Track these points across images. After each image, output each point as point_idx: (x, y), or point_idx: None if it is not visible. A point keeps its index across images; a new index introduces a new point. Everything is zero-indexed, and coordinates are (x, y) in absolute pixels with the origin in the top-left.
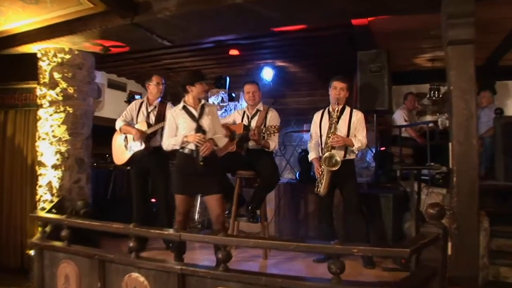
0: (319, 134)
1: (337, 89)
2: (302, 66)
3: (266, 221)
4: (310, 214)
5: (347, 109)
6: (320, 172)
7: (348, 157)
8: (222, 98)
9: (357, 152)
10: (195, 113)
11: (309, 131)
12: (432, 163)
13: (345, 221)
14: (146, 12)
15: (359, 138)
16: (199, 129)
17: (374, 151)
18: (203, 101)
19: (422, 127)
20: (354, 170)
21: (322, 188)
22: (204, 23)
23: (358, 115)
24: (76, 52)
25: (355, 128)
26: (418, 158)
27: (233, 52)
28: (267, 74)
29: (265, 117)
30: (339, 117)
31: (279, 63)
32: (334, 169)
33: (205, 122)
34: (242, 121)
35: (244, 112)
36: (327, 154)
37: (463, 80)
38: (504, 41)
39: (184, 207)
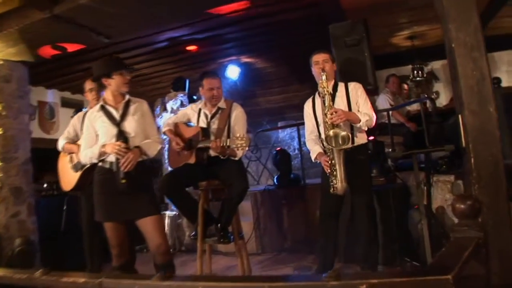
0: (316, 126)
1: (319, 63)
2: (270, 60)
3: (241, 239)
4: (296, 223)
5: (341, 84)
6: (329, 165)
7: (358, 141)
8: (182, 101)
9: (365, 129)
10: (116, 114)
11: (284, 127)
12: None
13: (351, 221)
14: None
15: (365, 112)
16: (121, 134)
17: None
18: (127, 97)
19: (409, 111)
20: (368, 159)
21: (339, 182)
22: (133, 7)
23: (356, 86)
24: (1, 62)
25: (356, 102)
26: (410, 146)
27: (191, 47)
28: (233, 72)
29: (229, 117)
30: (333, 95)
31: (245, 59)
32: (346, 147)
33: (129, 124)
34: (198, 122)
35: (201, 110)
36: (330, 132)
37: (468, 33)
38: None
39: (116, 239)
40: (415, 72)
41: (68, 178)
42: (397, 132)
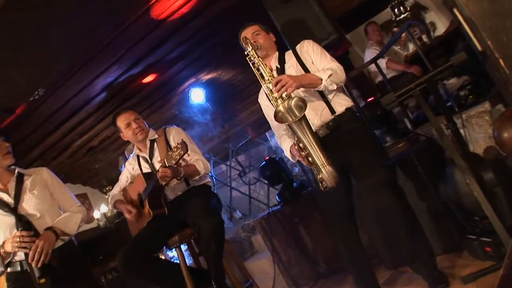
0: None
1: (248, 36)
2: (233, 66)
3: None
4: (320, 239)
5: (288, 53)
6: (304, 155)
7: (339, 107)
8: None
9: (335, 87)
10: (8, 198)
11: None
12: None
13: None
14: None
15: (327, 67)
16: (21, 221)
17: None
18: (17, 171)
19: (407, 55)
20: (365, 125)
21: (325, 172)
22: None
23: (304, 44)
24: None
25: (311, 61)
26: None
27: (148, 79)
28: (197, 96)
29: (167, 144)
30: (282, 69)
31: (206, 76)
32: (305, 112)
33: (29, 204)
34: (141, 169)
35: (138, 157)
36: (280, 107)
37: None
38: None
39: None
40: (396, 10)
41: None
42: (400, 83)
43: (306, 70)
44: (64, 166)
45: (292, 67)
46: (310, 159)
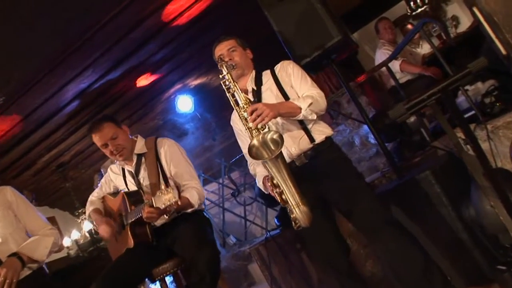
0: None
1: (223, 56)
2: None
3: None
4: (323, 268)
5: (266, 73)
6: (274, 189)
7: (318, 136)
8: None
9: (315, 117)
10: None
11: None
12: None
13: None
14: None
15: (307, 94)
16: None
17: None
18: None
19: (424, 56)
20: (344, 156)
21: (294, 209)
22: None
23: (283, 65)
24: None
25: (290, 85)
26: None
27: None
28: (185, 104)
29: (157, 160)
30: (258, 92)
31: (194, 82)
32: (281, 149)
33: None
34: (126, 183)
35: (124, 170)
36: (254, 141)
37: None
38: None
39: None
40: (411, 3)
41: None
42: (417, 88)
43: (284, 94)
44: (28, 185)
45: (269, 90)
46: (284, 197)
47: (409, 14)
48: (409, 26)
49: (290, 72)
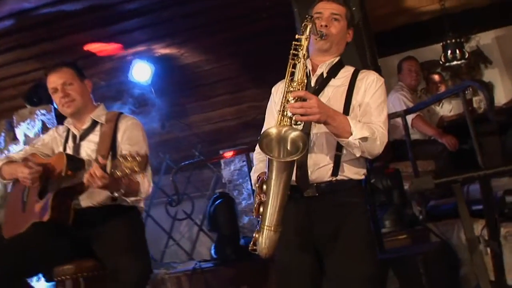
0: None
1: (322, 16)
2: (204, 51)
3: None
4: None
5: (347, 68)
6: (259, 200)
7: (345, 174)
8: (44, 123)
9: (359, 154)
10: None
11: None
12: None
13: None
14: None
15: (369, 122)
16: None
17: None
18: None
19: (443, 117)
20: (363, 205)
21: (265, 236)
22: None
23: (369, 76)
24: None
25: (359, 103)
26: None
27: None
28: (141, 73)
29: (114, 133)
30: (326, 80)
31: (162, 50)
32: (296, 158)
33: None
34: (64, 148)
35: (69, 131)
36: (272, 129)
37: None
38: None
39: None
40: (449, 52)
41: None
42: (424, 153)
43: (347, 106)
44: None
45: (336, 89)
46: (261, 209)
47: (441, 62)
48: (436, 77)
49: (372, 92)
